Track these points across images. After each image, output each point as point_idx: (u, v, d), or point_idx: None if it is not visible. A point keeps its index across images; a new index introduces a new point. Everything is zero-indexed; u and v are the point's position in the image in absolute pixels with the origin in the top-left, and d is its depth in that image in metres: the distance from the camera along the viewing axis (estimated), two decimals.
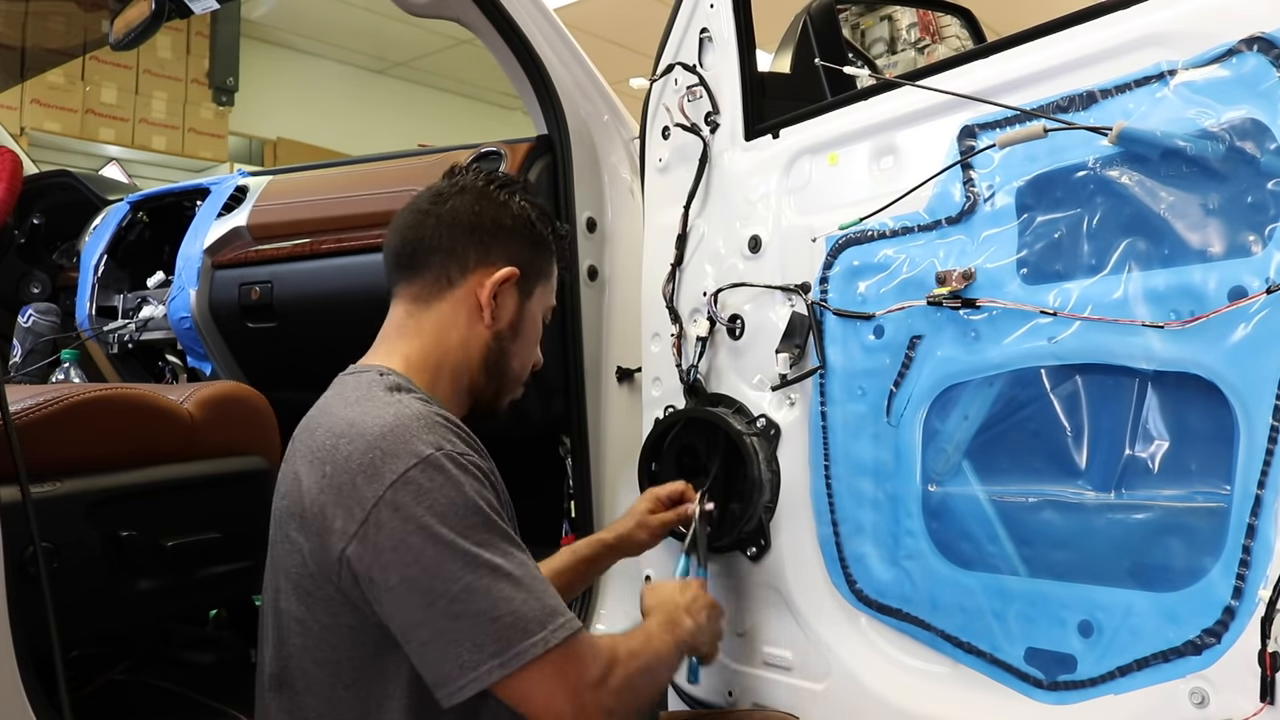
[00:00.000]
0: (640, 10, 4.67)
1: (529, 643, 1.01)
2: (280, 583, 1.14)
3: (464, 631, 1.00)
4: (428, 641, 1.02)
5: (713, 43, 1.64)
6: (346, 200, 2.01)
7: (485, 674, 1.00)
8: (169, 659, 1.68)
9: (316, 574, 1.08)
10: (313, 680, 1.11)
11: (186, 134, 6.20)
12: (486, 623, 1.00)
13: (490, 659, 1.00)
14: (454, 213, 1.24)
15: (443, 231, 1.24)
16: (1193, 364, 1.10)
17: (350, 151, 5.85)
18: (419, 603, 1.01)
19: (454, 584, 1.00)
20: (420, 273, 1.24)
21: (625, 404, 1.86)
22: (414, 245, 1.25)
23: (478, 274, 1.24)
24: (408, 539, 1.01)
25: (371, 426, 1.07)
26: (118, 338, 2.37)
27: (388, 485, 1.03)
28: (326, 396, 1.19)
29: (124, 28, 1.89)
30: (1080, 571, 1.20)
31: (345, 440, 1.07)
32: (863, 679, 1.41)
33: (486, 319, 1.24)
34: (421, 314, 1.24)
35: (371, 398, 1.12)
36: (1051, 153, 1.22)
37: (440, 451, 1.05)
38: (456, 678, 1.01)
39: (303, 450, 1.12)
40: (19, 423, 1.19)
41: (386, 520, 1.02)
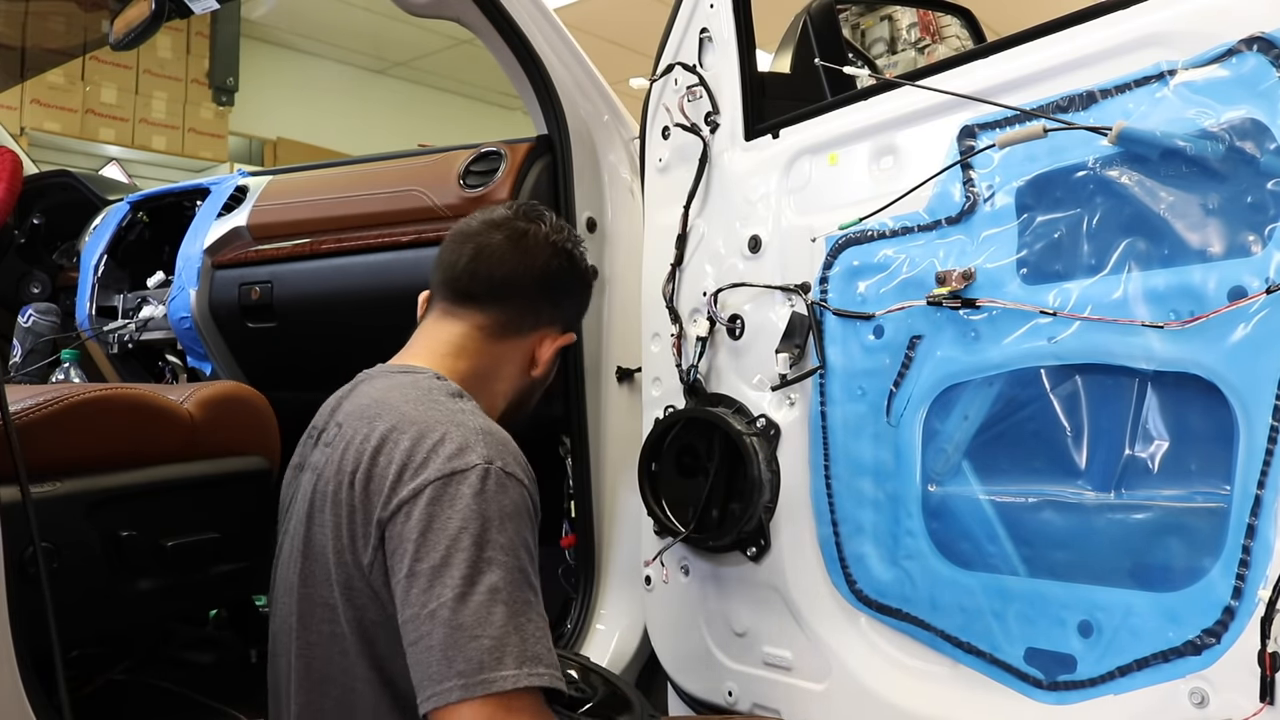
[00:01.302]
0: (640, 10, 4.67)
1: (499, 674, 0.97)
2: (308, 568, 1.14)
3: (441, 641, 0.98)
4: (413, 642, 1.01)
5: (713, 43, 1.64)
6: (346, 200, 2.01)
7: (446, 691, 0.97)
8: (169, 659, 1.68)
9: (348, 561, 1.09)
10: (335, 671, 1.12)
11: (186, 134, 6.20)
12: (466, 640, 0.98)
13: (456, 677, 0.97)
14: (547, 269, 1.31)
15: (531, 284, 1.30)
16: (1192, 364, 1.10)
17: (350, 151, 5.84)
18: (416, 598, 1.01)
19: (449, 591, 0.99)
20: (494, 310, 1.29)
21: (625, 404, 1.86)
22: (496, 281, 1.29)
23: (543, 331, 1.33)
24: (437, 530, 1.02)
25: (436, 425, 1.09)
26: (118, 338, 2.37)
27: (440, 475, 1.04)
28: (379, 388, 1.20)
29: (124, 28, 1.89)
30: (1080, 571, 1.20)
31: (409, 435, 1.09)
32: (863, 679, 1.41)
33: (539, 374, 1.34)
34: (484, 343, 1.29)
35: (436, 401, 1.15)
36: (1051, 153, 1.22)
37: (495, 466, 1.07)
38: (425, 688, 0.99)
39: (357, 438, 1.13)
40: (19, 423, 1.19)
41: (425, 504, 1.03)
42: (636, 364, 1.81)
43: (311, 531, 1.15)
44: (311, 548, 1.15)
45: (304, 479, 1.22)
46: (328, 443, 1.19)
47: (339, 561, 1.11)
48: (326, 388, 1.35)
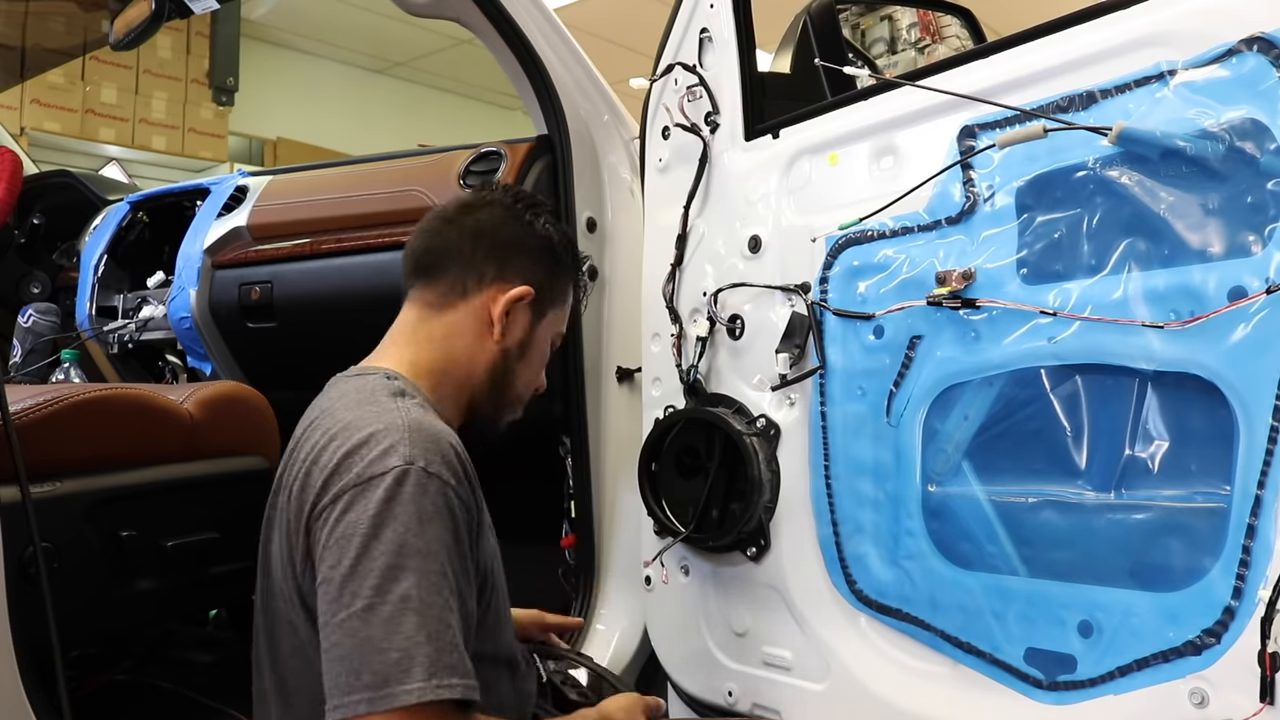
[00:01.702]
0: (640, 10, 4.67)
1: (404, 688, 0.93)
2: (265, 583, 1.14)
3: (349, 653, 0.95)
4: (325, 650, 0.98)
5: (713, 43, 1.64)
6: (346, 200, 2.01)
7: (352, 704, 0.94)
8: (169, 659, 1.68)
9: (304, 575, 1.07)
10: (304, 687, 1.10)
11: (186, 134, 6.20)
12: (373, 652, 0.94)
13: (363, 690, 0.94)
14: (478, 225, 1.26)
15: (465, 242, 1.25)
16: (1192, 364, 1.10)
17: (350, 151, 5.84)
18: (327, 606, 0.98)
19: (359, 600, 0.96)
20: (436, 279, 1.25)
21: (625, 404, 1.86)
22: (434, 251, 1.26)
23: (493, 288, 1.24)
24: (352, 535, 0.99)
25: (364, 429, 1.06)
26: (118, 338, 2.37)
27: (358, 481, 1.01)
28: (330, 398, 1.19)
29: (124, 28, 1.89)
30: (1080, 572, 1.20)
31: (336, 441, 1.07)
32: (863, 679, 1.41)
33: (496, 334, 1.25)
34: (433, 320, 1.25)
35: (374, 401, 1.12)
36: (1051, 153, 1.22)
37: (416, 466, 1.02)
38: (332, 697, 0.96)
39: (303, 452, 1.12)
40: (19, 423, 1.19)
41: (341, 509, 1.01)
42: (636, 364, 1.81)
43: (269, 548, 1.15)
44: (268, 564, 1.15)
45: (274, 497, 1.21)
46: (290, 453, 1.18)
47: (287, 575, 1.10)
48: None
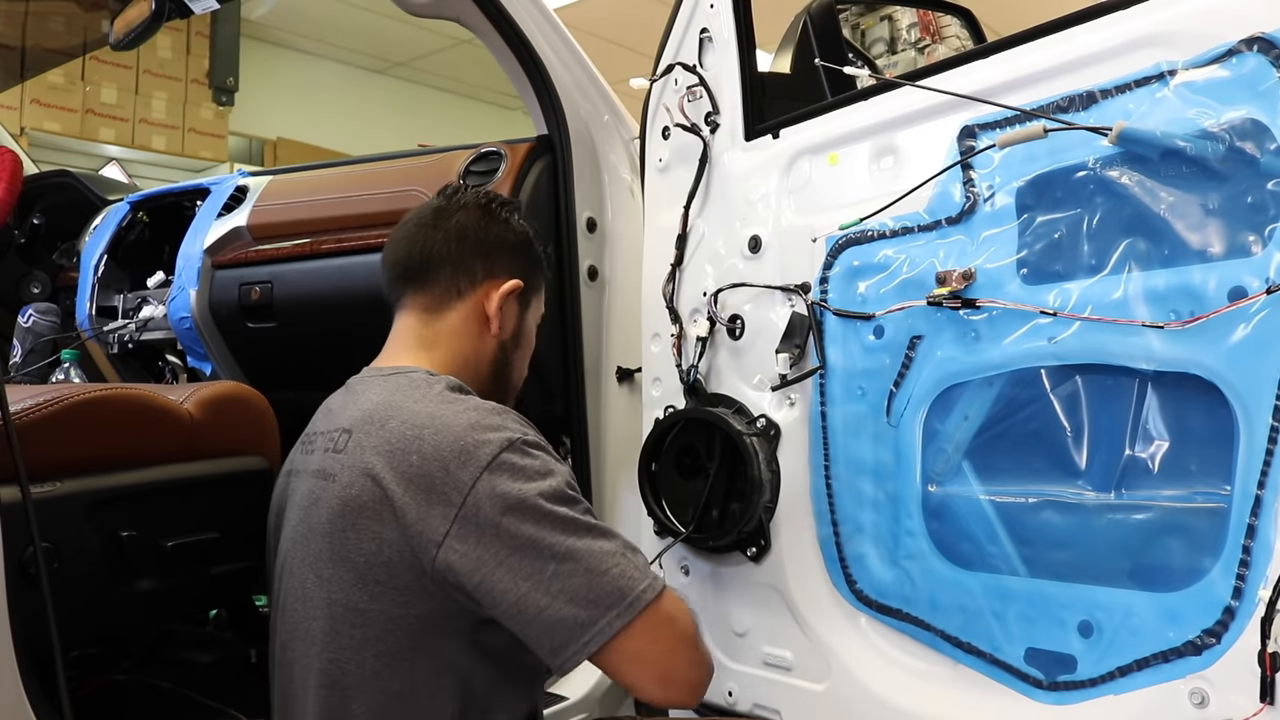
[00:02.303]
0: (640, 10, 4.67)
1: (638, 590, 1.05)
2: (337, 574, 1.14)
3: (577, 590, 1.05)
4: (544, 608, 1.05)
5: (713, 43, 1.64)
6: (346, 200, 2.01)
7: (605, 627, 1.04)
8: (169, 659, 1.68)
9: (393, 561, 1.10)
10: (368, 674, 1.12)
11: (186, 134, 6.20)
12: (597, 577, 1.05)
13: (607, 611, 1.04)
14: (461, 228, 1.31)
15: (451, 245, 1.30)
16: (1193, 364, 1.10)
17: (350, 151, 5.84)
18: (528, 571, 1.05)
19: (559, 547, 1.06)
20: (430, 284, 1.30)
21: (625, 404, 1.86)
22: (423, 258, 1.30)
23: (485, 286, 1.31)
24: (508, 515, 1.06)
25: (456, 419, 1.13)
26: (118, 338, 2.37)
27: (483, 467, 1.08)
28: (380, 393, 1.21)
29: (124, 28, 1.89)
30: (1080, 572, 1.20)
31: (430, 431, 1.12)
32: (863, 679, 1.41)
33: (494, 329, 1.31)
34: (436, 323, 1.30)
35: (443, 397, 1.18)
36: (1051, 153, 1.22)
37: (526, 438, 1.13)
38: (577, 636, 1.05)
39: (372, 443, 1.14)
40: (19, 423, 1.19)
41: (485, 500, 1.07)
42: (636, 364, 1.81)
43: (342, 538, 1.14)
44: (341, 553, 1.14)
45: (312, 486, 1.21)
46: (337, 449, 1.19)
47: (385, 562, 1.11)
48: (326, 388, 1.35)
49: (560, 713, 1.71)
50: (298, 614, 1.19)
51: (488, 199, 1.35)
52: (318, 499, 1.18)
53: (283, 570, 1.25)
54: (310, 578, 1.18)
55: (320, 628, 1.16)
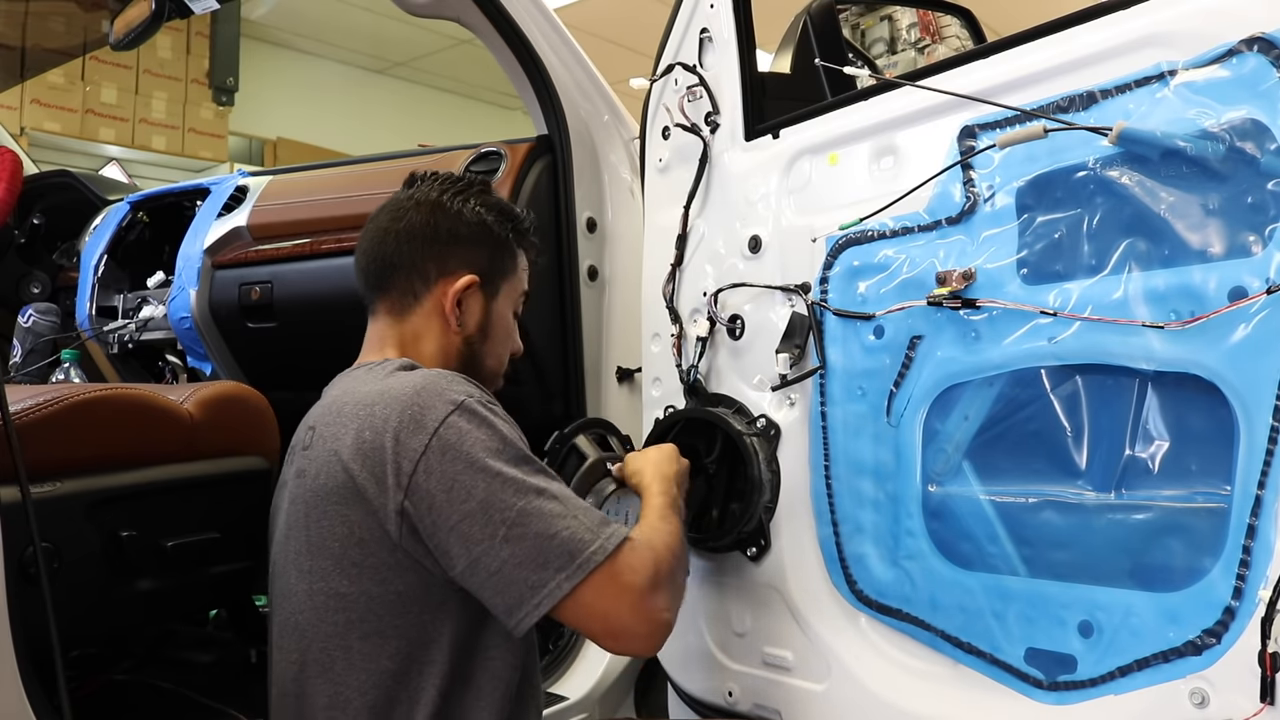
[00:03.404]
0: (640, 10, 4.67)
1: (588, 553, 1.07)
2: (316, 564, 1.16)
3: (527, 553, 1.06)
4: (495, 570, 1.07)
5: (713, 43, 1.64)
6: (346, 200, 2.01)
7: (554, 589, 1.06)
8: (169, 659, 1.68)
9: (366, 540, 1.12)
10: (355, 657, 1.13)
11: (186, 134, 6.20)
12: (546, 540, 1.07)
13: (556, 573, 1.06)
14: (410, 228, 1.31)
15: (403, 248, 1.31)
16: (1193, 364, 1.10)
17: (350, 151, 5.84)
18: (481, 534, 1.07)
19: (510, 510, 1.07)
20: (389, 289, 1.32)
21: (625, 404, 1.86)
22: (379, 263, 1.32)
23: (440, 285, 1.31)
24: (459, 477, 1.08)
25: (403, 389, 1.14)
26: (118, 338, 2.37)
27: (431, 433, 1.10)
28: (341, 387, 1.25)
29: (124, 28, 1.89)
30: (1080, 572, 1.20)
31: (380, 405, 1.14)
32: (863, 679, 1.41)
33: (454, 326, 1.31)
34: (398, 326, 1.32)
35: (392, 375, 1.21)
36: (1051, 153, 1.22)
37: (472, 398, 1.14)
38: (529, 598, 1.07)
39: (332, 431, 1.17)
40: (19, 423, 1.19)
41: (435, 465, 1.08)
42: (636, 364, 1.81)
43: (317, 528, 1.16)
44: (318, 543, 1.16)
45: (291, 488, 1.24)
46: (306, 446, 1.22)
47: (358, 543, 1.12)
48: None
49: (560, 713, 1.71)
50: (285, 610, 1.21)
51: (441, 188, 1.34)
52: (295, 498, 1.21)
53: (271, 576, 1.27)
54: (293, 573, 1.20)
55: (306, 619, 1.17)
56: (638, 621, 1.11)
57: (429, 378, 1.16)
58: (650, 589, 1.11)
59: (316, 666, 1.16)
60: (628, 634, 1.12)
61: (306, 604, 1.17)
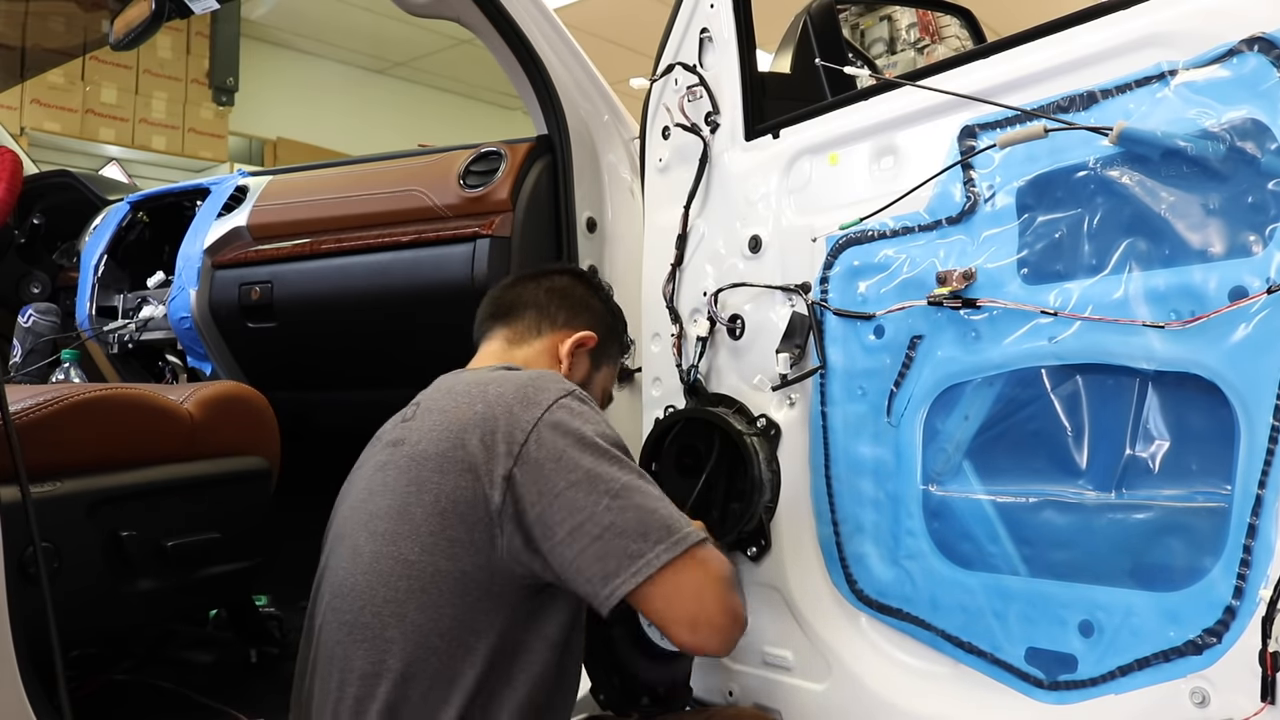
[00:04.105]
0: (640, 10, 4.67)
1: (685, 532, 1.11)
2: (392, 528, 1.17)
3: (629, 524, 1.11)
4: (598, 536, 1.10)
5: (713, 43, 1.64)
6: (346, 200, 2.01)
7: (654, 559, 1.09)
8: (169, 659, 1.68)
9: (448, 512, 1.14)
10: (408, 627, 1.14)
11: (186, 134, 6.20)
12: (648, 514, 1.12)
13: (656, 544, 1.10)
14: (554, 284, 1.45)
15: (541, 294, 1.43)
16: (1193, 364, 1.10)
17: (350, 151, 5.84)
18: (585, 502, 1.11)
19: (615, 483, 1.12)
20: (515, 321, 1.42)
21: (625, 404, 1.86)
22: (514, 300, 1.43)
23: (563, 331, 1.41)
24: (568, 450, 1.14)
25: (519, 375, 1.24)
26: (118, 338, 2.37)
27: (545, 408, 1.16)
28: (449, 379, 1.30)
29: (124, 28, 1.89)
30: (1081, 571, 1.20)
31: (494, 384, 1.21)
32: (863, 679, 1.41)
33: (564, 369, 1.38)
34: (512, 352, 1.40)
35: (505, 369, 1.30)
36: (1052, 153, 1.22)
37: (579, 392, 1.22)
38: (627, 566, 1.10)
39: (439, 404, 1.23)
40: (19, 423, 1.19)
41: (547, 437, 1.14)
42: (636, 364, 1.81)
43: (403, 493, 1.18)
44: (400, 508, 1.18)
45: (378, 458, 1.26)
46: (407, 419, 1.26)
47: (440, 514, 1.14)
48: (326, 388, 1.35)
49: None
50: (343, 572, 1.21)
51: (585, 272, 1.53)
52: (385, 464, 1.23)
53: (333, 543, 1.27)
54: (363, 535, 1.21)
55: (366, 581, 1.18)
56: (721, 611, 1.12)
57: (545, 371, 1.27)
58: (732, 583, 1.16)
59: (366, 630, 1.17)
60: (710, 624, 1.12)
61: (371, 566, 1.18)
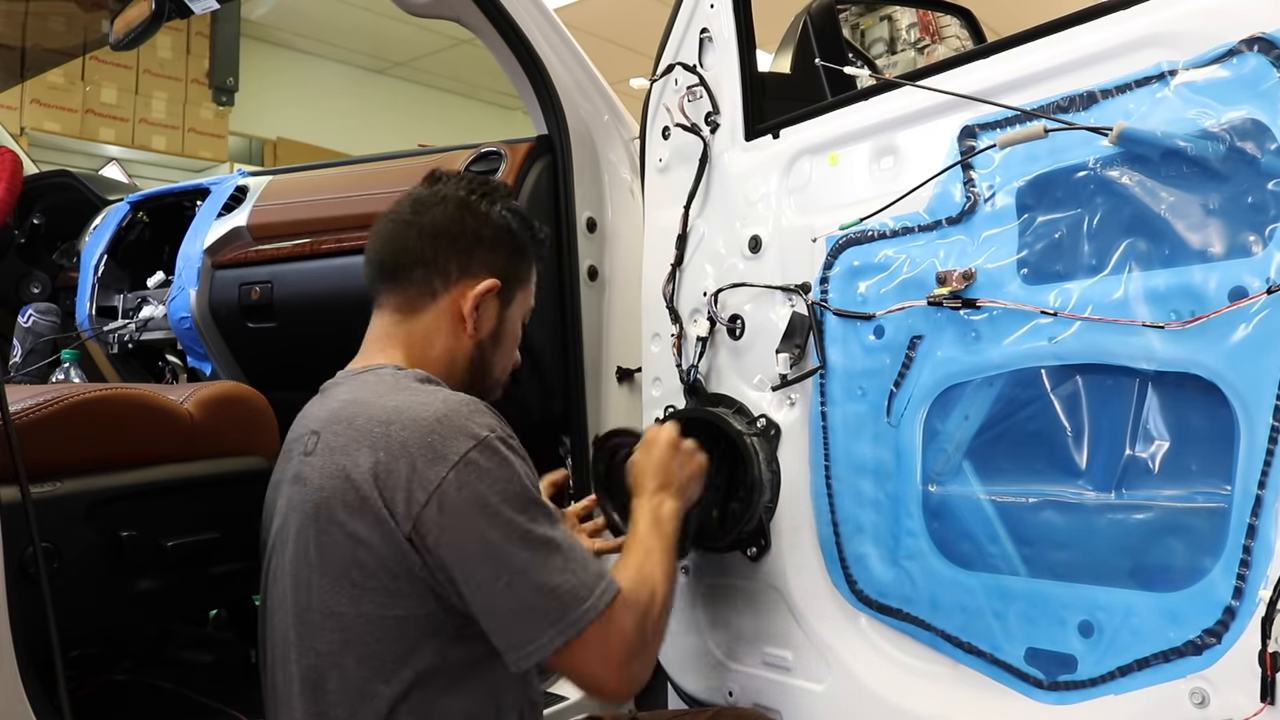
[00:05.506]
0: (640, 10, 4.67)
1: (581, 610, 1.08)
2: (313, 578, 1.13)
3: (526, 605, 1.08)
4: (496, 615, 1.08)
5: (713, 43, 1.64)
6: (346, 200, 2.01)
7: (547, 642, 1.07)
8: (169, 659, 1.68)
9: (367, 563, 1.10)
10: (350, 679, 1.11)
11: (186, 134, 6.20)
12: (545, 595, 1.08)
13: (550, 627, 1.07)
14: (435, 224, 1.27)
15: (425, 243, 1.27)
16: (1193, 364, 1.10)
17: (350, 151, 5.84)
18: (486, 578, 1.07)
19: (515, 560, 1.08)
20: (404, 284, 1.27)
21: (625, 404, 1.86)
22: (397, 256, 1.28)
23: (460, 286, 1.27)
24: (472, 518, 1.08)
25: (423, 412, 1.11)
26: (118, 338, 2.37)
27: (451, 466, 1.08)
28: (347, 392, 1.21)
29: (124, 28, 1.89)
30: (1081, 572, 1.20)
31: (397, 426, 1.11)
32: (863, 679, 1.41)
33: (469, 329, 1.28)
34: (409, 323, 1.28)
35: (409, 389, 1.17)
36: (1052, 153, 1.22)
37: (494, 434, 1.12)
38: (522, 646, 1.08)
39: (340, 442, 1.13)
40: (19, 423, 1.19)
41: (451, 500, 1.07)
42: (636, 364, 1.81)
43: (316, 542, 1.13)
44: (316, 558, 1.13)
45: (289, 492, 1.20)
46: (308, 452, 1.18)
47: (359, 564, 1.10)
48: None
49: (560, 713, 1.71)
50: (279, 622, 1.19)
51: (469, 188, 1.30)
52: (293, 505, 1.18)
53: (266, 580, 1.24)
54: (289, 584, 1.17)
55: (297, 635, 1.15)
56: (618, 683, 1.13)
57: (450, 404, 1.13)
58: (632, 656, 1.13)
59: (306, 684, 1.14)
60: (605, 691, 1.15)
61: (300, 619, 1.15)
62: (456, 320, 1.27)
